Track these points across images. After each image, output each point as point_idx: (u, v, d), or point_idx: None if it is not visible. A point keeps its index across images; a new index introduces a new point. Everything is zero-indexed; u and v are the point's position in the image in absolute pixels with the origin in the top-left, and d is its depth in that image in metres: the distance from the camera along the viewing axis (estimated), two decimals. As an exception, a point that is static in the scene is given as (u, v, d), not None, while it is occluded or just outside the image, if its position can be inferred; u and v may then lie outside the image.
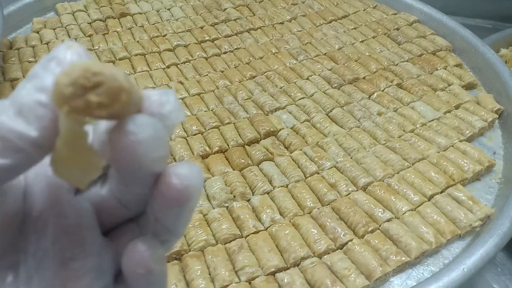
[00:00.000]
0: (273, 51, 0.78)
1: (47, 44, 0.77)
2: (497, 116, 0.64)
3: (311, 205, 0.51)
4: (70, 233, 0.19)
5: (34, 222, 0.19)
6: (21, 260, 0.19)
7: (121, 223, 0.21)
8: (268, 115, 0.65)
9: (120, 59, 0.74)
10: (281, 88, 0.70)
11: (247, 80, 0.72)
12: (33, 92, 0.16)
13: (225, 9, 0.89)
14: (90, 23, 0.83)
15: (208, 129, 0.62)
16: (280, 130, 0.62)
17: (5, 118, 0.16)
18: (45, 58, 0.17)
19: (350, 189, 0.53)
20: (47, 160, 0.17)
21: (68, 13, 0.85)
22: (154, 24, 0.84)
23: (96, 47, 0.77)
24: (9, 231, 0.19)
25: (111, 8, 0.87)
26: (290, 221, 0.49)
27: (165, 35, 0.81)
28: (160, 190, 0.18)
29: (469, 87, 0.71)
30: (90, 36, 0.79)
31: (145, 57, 0.75)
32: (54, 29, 0.81)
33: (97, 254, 0.20)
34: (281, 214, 0.50)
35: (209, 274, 0.44)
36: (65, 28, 0.81)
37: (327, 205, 0.51)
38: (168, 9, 0.88)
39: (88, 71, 0.15)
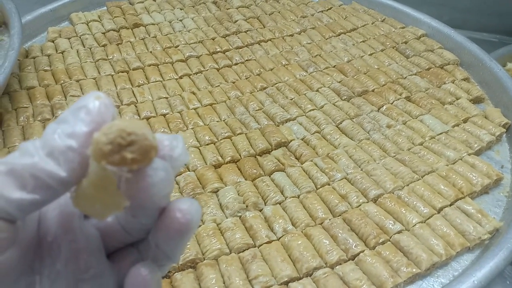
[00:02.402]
0: (283, 63, 0.80)
1: (62, 53, 0.79)
2: (505, 130, 0.65)
3: (323, 216, 0.52)
4: (80, 257, 0.21)
5: (48, 246, 0.21)
6: (36, 281, 0.21)
7: (121, 247, 0.23)
8: (279, 126, 0.66)
9: (134, 69, 0.76)
10: (291, 99, 0.71)
11: (258, 91, 0.73)
12: (64, 137, 0.19)
13: (236, 21, 0.91)
14: (104, 33, 0.85)
15: (221, 139, 0.63)
16: (291, 141, 0.63)
17: (38, 159, 0.18)
18: (74, 106, 0.20)
19: (361, 200, 0.54)
20: None
21: (82, 23, 0.87)
22: (166, 35, 0.85)
23: (110, 57, 0.78)
24: (27, 254, 0.21)
25: (124, 18, 0.88)
26: (302, 232, 0.50)
27: (177, 46, 0.82)
28: (164, 223, 0.21)
29: (476, 101, 0.72)
30: (104, 46, 0.81)
31: (158, 67, 0.77)
32: (69, 39, 0.83)
33: (104, 275, 0.22)
34: (293, 224, 0.51)
35: (224, 283, 0.45)
36: (80, 37, 0.83)
37: (338, 216, 0.52)
38: (180, 20, 0.90)
39: (124, 131, 0.18)
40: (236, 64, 0.80)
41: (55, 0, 0.89)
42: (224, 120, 0.67)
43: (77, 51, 0.79)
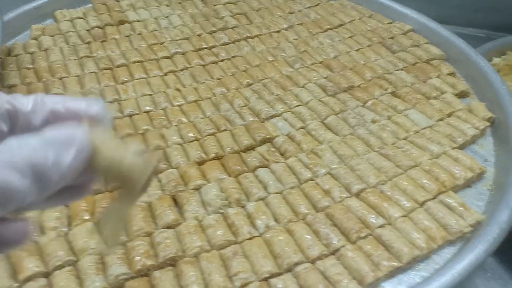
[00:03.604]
0: (270, 59, 0.79)
1: (45, 51, 0.78)
2: (489, 124, 0.66)
3: (306, 211, 0.52)
4: None
5: None
6: None
7: None
8: (264, 122, 0.66)
9: (118, 66, 0.75)
10: (277, 95, 0.71)
11: (243, 87, 0.73)
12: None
13: (222, 17, 0.90)
14: (88, 30, 0.84)
15: (205, 136, 0.63)
16: (275, 137, 0.63)
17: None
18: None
19: (344, 195, 0.54)
20: None
21: (67, 20, 0.86)
22: (152, 31, 0.85)
23: (94, 54, 0.78)
24: None
25: (109, 15, 0.88)
26: (284, 227, 0.50)
27: (163, 43, 0.82)
28: None
29: (462, 95, 0.72)
30: (88, 43, 0.80)
31: (143, 64, 0.76)
32: (52, 36, 0.82)
33: None
34: (275, 220, 0.51)
35: (204, 280, 0.45)
36: (64, 35, 0.82)
37: (321, 211, 0.52)
38: (166, 17, 0.89)
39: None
40: (222, 60, 0.79)
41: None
42: (208, 117, 0.67)
43: (61, 49, 0.78)
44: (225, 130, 0.64)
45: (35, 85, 0.70)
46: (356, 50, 0.82)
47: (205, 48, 0.82)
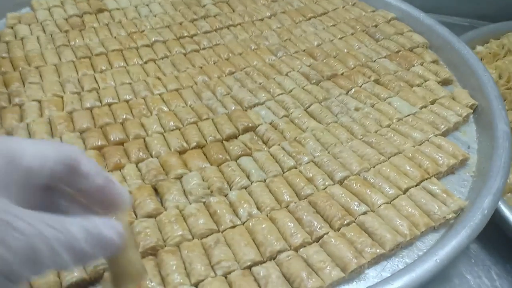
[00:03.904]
0: (253, 47, 0.78)
1: (21, 40, 0.75)
2: (472, 111, 0.66)
3: (288, 199, 0.51)
4: None
5: None
6: None
7: None
8: (246, 110, 0.65)
9: (96, 55, 0.73)
10: (260, 84, 0.70)
11: (226, 76, 0.71)
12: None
13: (204, 5, 0.89)
14: (66, 19, 0.81)
15: (186, 125, 0.61)
16: (258, 125, 0.62)
17: None
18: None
19: (327, 183, 0.53)
20: None
21: (44, 9, 0.83)
22: (132, 20, 0.83)
23: (72, 43, 0.75)
24: None
25: (88, 3, 0.85)
26: (267, 215, 0.49)
27: (143, 31, 0.80)
28: None
29: (445, 83, 0.72)
30: (66, 32, 0.78)
31: (122, 52, 0.74)
32: (29, 25, 0.79)
33: None
34: (258, 208, 0.50)
35: (185, 269, 0.44)
36: (41, 24, 0.80)
37: (304, 199, 0.52)
38: (147, 5, 0.87)
39: None
40: (203, 49, 0.78)
41: (15, -16, 0.85)
42: (190, 106, 0.65)
43: (38, 38, 0.76)
44: (207, 119, 0.63)
45: (11, 75, 0.67)
46: (340, 39, 0.81)
47: (186, 36, 0.80)
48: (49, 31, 0.78)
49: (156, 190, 0.53)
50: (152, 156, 0.57)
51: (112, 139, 0.58)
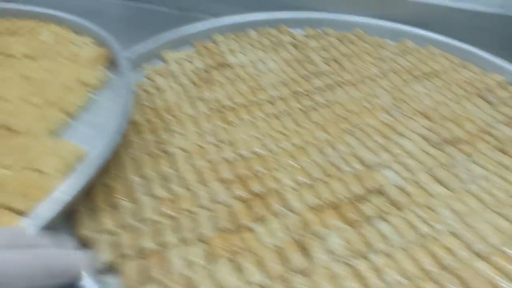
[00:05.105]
0: (366, 105, 0.81)
1: (157, 90, 0.83)
2: None
3: (431, 268, 0.52)
4: None
5: None
6: None
7: None
8: (370, 170, 0.67)
9: (224, 107, 0.79)
10: (379, 143, 0.72)
11: (344, 133, 0.75)
12: None
13: (314, 62, 0.94)
14: (195, 72, 0.89)
15: (315, 181, 0.65)
16: (385, 187, 0.64)
17: None
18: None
19: (466, 254, 0.54)
20: None
21: (174, 61, 0.91)
22: (251, 75, 0.89)
23: (202, 95, 0.82)
24: None
25: (211, 58, 0.93)
26: (414, 285, 0.50)
27: (261, 86, 0.85)
28: None
29: None
30: (195, 84, 0.85)
31: (247, 107, 0.80)
32: (163, 76, 0.87)
33: None
34: (404, 276, 0.52)
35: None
36: (174, 76, 0.87)
37: (446, 269, 0.52)
38: (262, 61, 0.93)
39: None
40: (318, 104, 0.82)
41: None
42: (315, 161, 0.69)
43: (173, 88, 0.83)
44: (332, 176, 0.66)
45: (157, 124, 0.74)
46: (453, 101, 0.82)
47: (301, 92, 0.85)
48: (181, 83, 0.85)
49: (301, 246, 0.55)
50: (290, 211, 0.60)
51: (253, 191, 0.62)
